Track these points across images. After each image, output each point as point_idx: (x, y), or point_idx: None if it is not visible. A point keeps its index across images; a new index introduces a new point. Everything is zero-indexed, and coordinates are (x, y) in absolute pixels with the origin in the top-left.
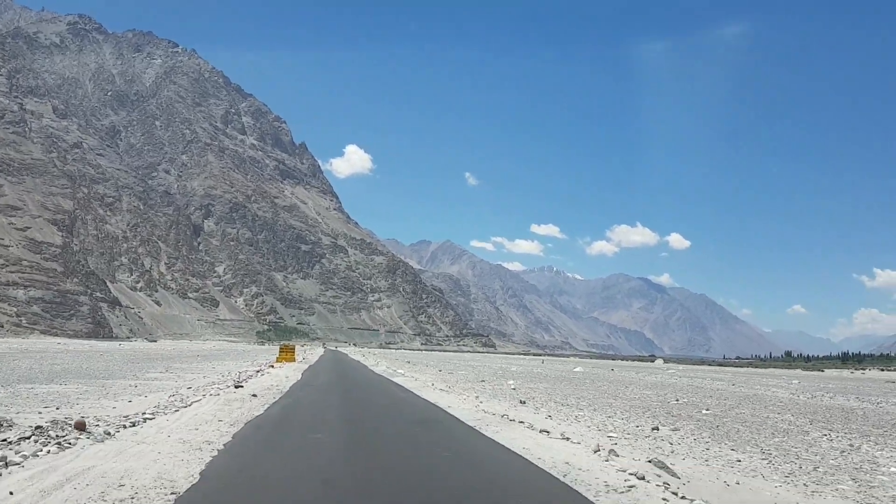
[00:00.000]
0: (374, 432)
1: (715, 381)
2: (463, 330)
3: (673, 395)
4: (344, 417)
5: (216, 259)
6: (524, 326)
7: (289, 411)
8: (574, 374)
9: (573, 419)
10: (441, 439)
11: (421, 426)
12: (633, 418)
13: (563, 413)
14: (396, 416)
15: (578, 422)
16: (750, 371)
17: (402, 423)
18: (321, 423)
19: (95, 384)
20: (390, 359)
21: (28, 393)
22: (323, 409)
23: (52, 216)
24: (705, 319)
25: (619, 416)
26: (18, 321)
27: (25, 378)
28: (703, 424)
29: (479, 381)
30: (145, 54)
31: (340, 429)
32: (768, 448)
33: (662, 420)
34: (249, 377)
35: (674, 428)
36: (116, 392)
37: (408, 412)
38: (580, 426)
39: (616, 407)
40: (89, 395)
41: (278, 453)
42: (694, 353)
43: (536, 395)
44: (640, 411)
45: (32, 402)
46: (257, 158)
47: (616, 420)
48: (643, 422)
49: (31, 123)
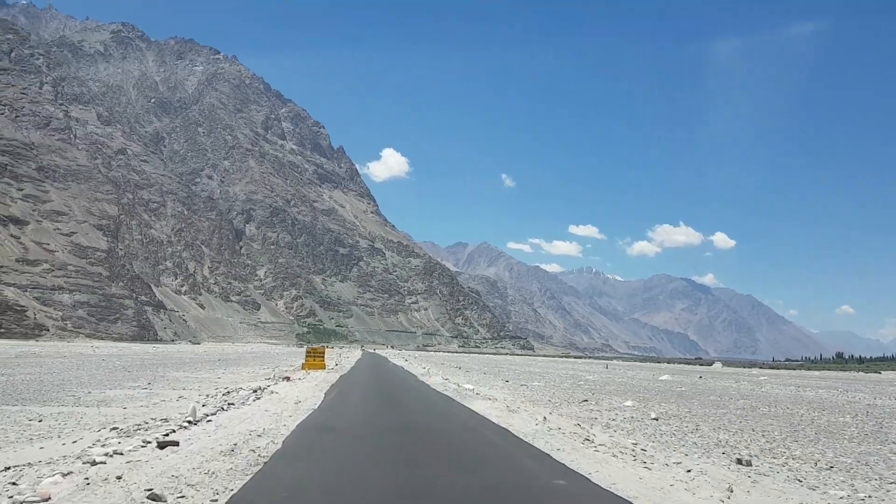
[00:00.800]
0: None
1: (819, 389)
2: (500, 332)
3: (843, 415)
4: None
5: (257, 263)
6: (563, 328)
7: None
8: (665, 384)
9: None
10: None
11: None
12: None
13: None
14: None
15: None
16: (822, 374)
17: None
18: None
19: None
20: (436, 363)
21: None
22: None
23: (97, 221)
24: (751, 321)
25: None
26: (64, 325)
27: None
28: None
29: (581, 401)
30: (187, 61)
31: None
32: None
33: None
34: (229, 405)
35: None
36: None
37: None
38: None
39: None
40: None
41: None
42: (740, 355)
43: (706, 431)
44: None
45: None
46: (296, 163)
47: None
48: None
49: (76, 130)
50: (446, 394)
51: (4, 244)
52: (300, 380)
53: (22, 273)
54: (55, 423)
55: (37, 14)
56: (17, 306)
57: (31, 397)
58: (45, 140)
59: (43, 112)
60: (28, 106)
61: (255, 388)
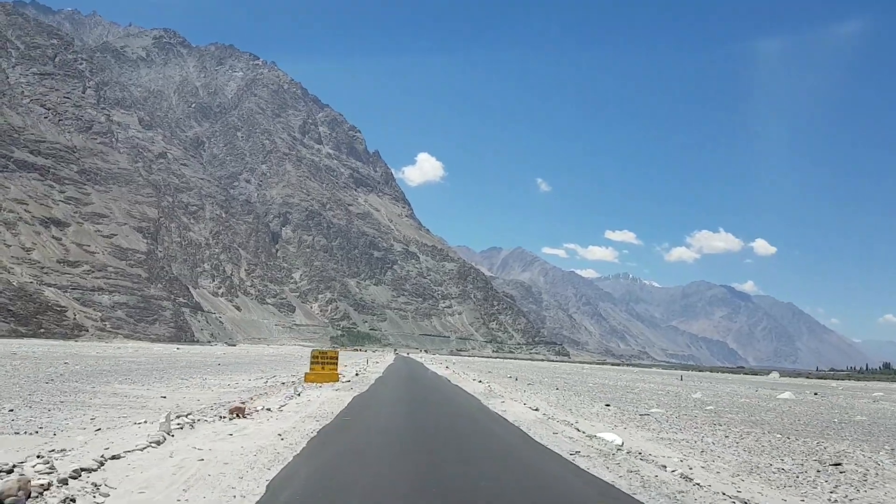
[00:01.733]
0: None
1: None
2: (535, 337)
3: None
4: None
5: (293, 265)
6: (598, 335)
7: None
8: (786, 404)
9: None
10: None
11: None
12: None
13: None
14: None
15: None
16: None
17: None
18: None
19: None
20: (483, 370)
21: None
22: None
23: (137, 224)
24: (792, 329)
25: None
26: (102, 326)
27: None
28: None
29: (832, 464)
30: (227, 67)
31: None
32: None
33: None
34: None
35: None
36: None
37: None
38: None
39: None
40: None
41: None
42: (780, 364)
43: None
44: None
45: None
46: (332, 167)
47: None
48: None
49: (117, 134)
50: (548, 448)
51: (46, 245)
52: (306, 395)
53: (62, 274)
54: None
55: (81, 20)
56: (58, 307)
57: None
58: (87, 143)
59: (85, 116)
60: (71, 110)
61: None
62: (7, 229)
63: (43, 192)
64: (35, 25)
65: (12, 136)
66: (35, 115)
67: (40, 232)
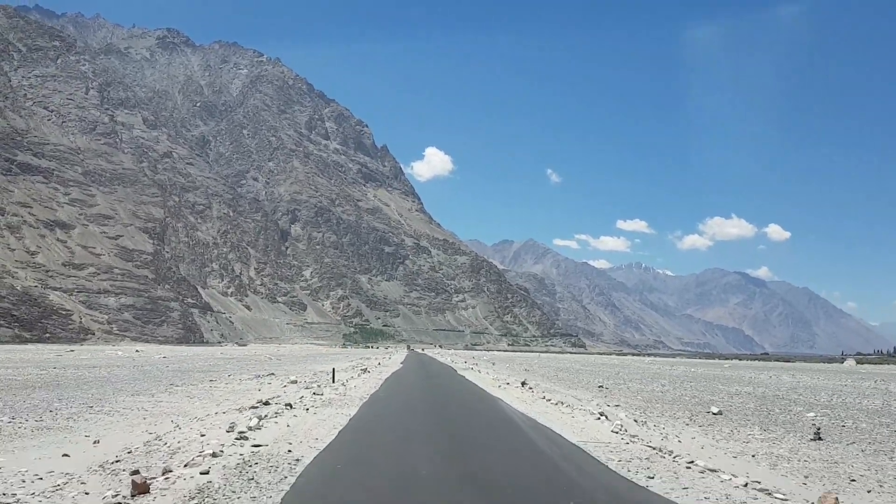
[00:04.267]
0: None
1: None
2: (550, 330)
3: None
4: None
5: (303, 263)
6: (613, 325)
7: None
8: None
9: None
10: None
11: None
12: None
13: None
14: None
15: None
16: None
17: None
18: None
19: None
20: (510, 368)
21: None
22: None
23: (143, 224)
24: (808, 314)
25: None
26: (109, 328)
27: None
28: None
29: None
30: (232, 64)
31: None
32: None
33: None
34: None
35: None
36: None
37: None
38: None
39: None
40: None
41: None
42: (798, 349)
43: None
44: None
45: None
46: (340, 162)
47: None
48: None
49: (121, 134)
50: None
51: (51, 248)
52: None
53: (68, 277)
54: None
55: (85, 23)
56: (63, 310)
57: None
58: (91, 144)
59: (89, 117)
60: (74, 111)
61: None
62: (11, 233)
63: (47, 195)
64: (37, 28)
65: (15, 139)
66: (38, 118)
67: (45, 235)
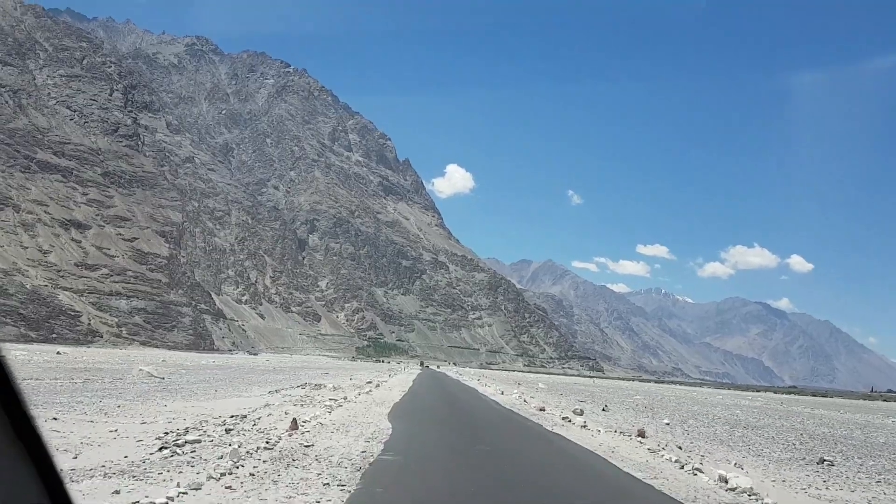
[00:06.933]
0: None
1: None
2: (568, 352)
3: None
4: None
5: (319, 273)
6: (631, 350)
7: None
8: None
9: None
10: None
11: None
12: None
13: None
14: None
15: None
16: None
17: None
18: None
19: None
20: (565, 396)
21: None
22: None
23: (160, 227)
24: (829, 348)
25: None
26: (118, 332)
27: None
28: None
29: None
30: (258, 74)
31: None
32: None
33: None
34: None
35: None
36: None
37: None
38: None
39: None
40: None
41: None
42: (817, 383)
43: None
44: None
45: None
46: (362, 175)
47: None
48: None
49: (143, 137)
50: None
51: (64, 248)
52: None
53: (80, 277)
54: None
55: (115, 28)
56: (71, 311)
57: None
58: (112, 146)
59: (111, 118)
60: (97, 112)
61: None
62: (25, 231)
63: (65, 194)
64: (64, 28)
65: (36, 137)
66: (60, 117)
67: (59, 234)
